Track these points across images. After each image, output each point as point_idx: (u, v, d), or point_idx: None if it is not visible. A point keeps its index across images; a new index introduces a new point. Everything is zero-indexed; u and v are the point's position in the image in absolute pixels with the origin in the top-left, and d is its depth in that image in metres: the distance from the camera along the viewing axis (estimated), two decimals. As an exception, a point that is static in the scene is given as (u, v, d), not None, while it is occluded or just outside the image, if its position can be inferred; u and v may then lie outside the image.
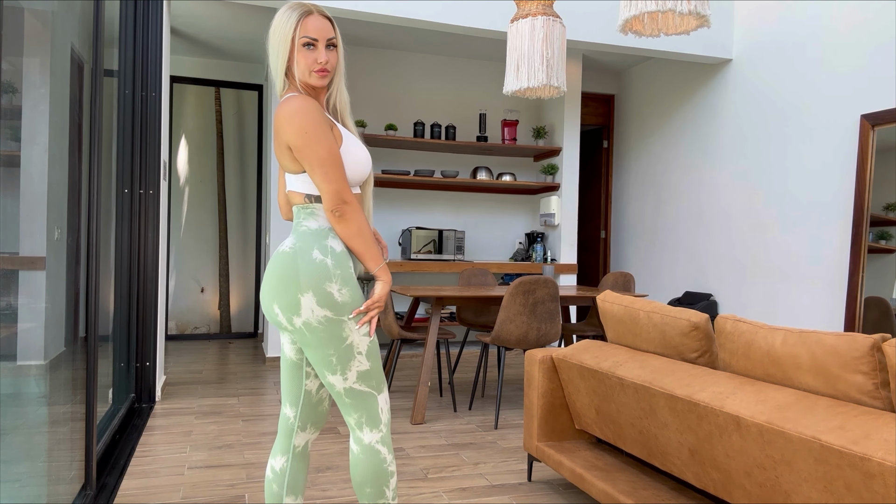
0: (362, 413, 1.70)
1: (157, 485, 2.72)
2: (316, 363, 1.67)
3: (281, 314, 1.64)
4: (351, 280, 1.67)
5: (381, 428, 1.72)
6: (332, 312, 1.62)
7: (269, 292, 1.65)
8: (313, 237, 1.66)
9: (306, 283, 1.61)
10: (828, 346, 1.64)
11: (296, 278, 1.61)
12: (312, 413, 1.83)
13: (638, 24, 2.66)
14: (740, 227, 5.06)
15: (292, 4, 1.68)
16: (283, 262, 1.64)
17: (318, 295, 1.61)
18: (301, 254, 1.63)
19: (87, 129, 2.63)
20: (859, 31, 4.12)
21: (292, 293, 1.61)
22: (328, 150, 1.62)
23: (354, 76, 6.06)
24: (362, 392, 1.69)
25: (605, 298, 2.55)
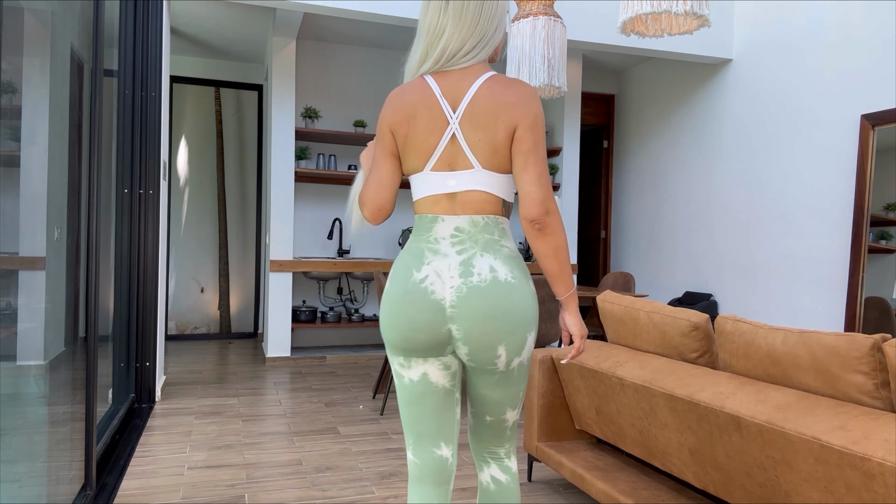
0: (513, 443, 1.59)
1: (157, 485, 2.72)
2: (502, 401, 1.50)
3: (504, 356, 1.41)
4: None
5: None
6: (534, 348, 1.53)
7: (497, 333, 1.39)
8: (523, 263, 1.47)
9: (534, 319, 1.44)
10: (828, 346, 1.64)
11: (529, 316, 1.42)
12: (456, 446, 1.59)
13: (640, 24, 2.66)
14: (740, 228, 5.06)
15: None
16: (514, 298, 1.40)
17: (535, 333, 1.46)
18: (525, 286, 1.43)
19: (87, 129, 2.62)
20: (859, 30, 4.12)
21: (523, 333, 1.42)
22: (545, 150, 1.40)
23: (355, 76, 6.06)
24: (517, 423, 1.59)
25: (606, 298, 2.55)
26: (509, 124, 1.39)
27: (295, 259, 5.39)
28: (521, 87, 1.41)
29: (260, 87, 6.59)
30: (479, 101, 1.40)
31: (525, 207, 1.40)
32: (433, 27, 1.45)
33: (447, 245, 1.43)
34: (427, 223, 1.46)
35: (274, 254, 5.32)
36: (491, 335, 1.39)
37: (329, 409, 4.01)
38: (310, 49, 5.93)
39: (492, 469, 1.58)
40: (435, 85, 1.44)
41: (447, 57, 1.44)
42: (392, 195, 1.50)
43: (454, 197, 1.44)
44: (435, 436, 1.50)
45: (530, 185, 1.39)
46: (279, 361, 5.37)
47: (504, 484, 1.57)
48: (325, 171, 5.61)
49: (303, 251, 5.96)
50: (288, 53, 5.30)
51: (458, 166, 1.43)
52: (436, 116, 1.42)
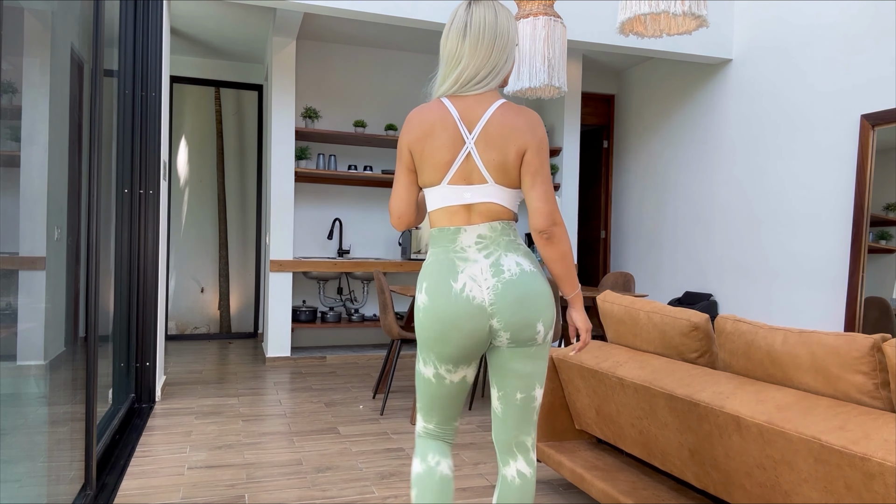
0: (535, 432, 1.73)
1: (157, 485, 2.72)
2: (535, 375, 1.66)
3: (543, 330, 1.62)
4: None
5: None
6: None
7: (535, 311, 1.59)
8: (534, 257, 1.68)
9: (553, 300, 1.66)
10: (828, 346, 1.64)
11: (550, 296, 1.64)
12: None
13: (639, 25, 2.66)
14: (740, 227, 5.06)
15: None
16: (540, 282, 1.62)
17: (555, 312, 1.66)
18: (542, 274, 1.65)
19: (87, 129, 2.63)
20: (859, 30, 4.12)
21: (551, 310, 1.64)
22: (549, 170, 1.63)
23: (355, 76, 6.06)
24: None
25: (606, 298, 2.55)
26: (519, 147, 1.58)
27: (295, 259, 5.39)
28: (530, 115, 1.61)
29: (260, 87, 6.59)
30: (493, 125, 1.59)
31: (535, 220, 1.60)
32: (452, 55, 1.64)
33: (474, 252, 1.61)
34: (450, 235, 1.63)
35: (274, 254, 5.32)
36: (528, 315, 1.59)
37: (329, 409, 4.01)
38: (310, 49, 5.93)
39: (518, 463, 1.69)
40: (452, 107, 1.62)
41: (462, 83, 1.62)
42: (411, 206, 1.70)
43: (471, 208, 1.62)
44: (453, 415, 1.74)
45: (538, 200, 1.59)
46: (279, 361, 5.37)
47: (528, 478, 1.69)
48: (325, 171, 5.61)
49: (303, 251, 5.96)
50: (288, 53, 5.30)
51: (474, 181, 1.61)
52: (452, 136, 1.60)
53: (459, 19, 1.64)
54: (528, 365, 1.64)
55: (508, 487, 1.68)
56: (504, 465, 1.71)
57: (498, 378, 1.68)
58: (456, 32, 1.63)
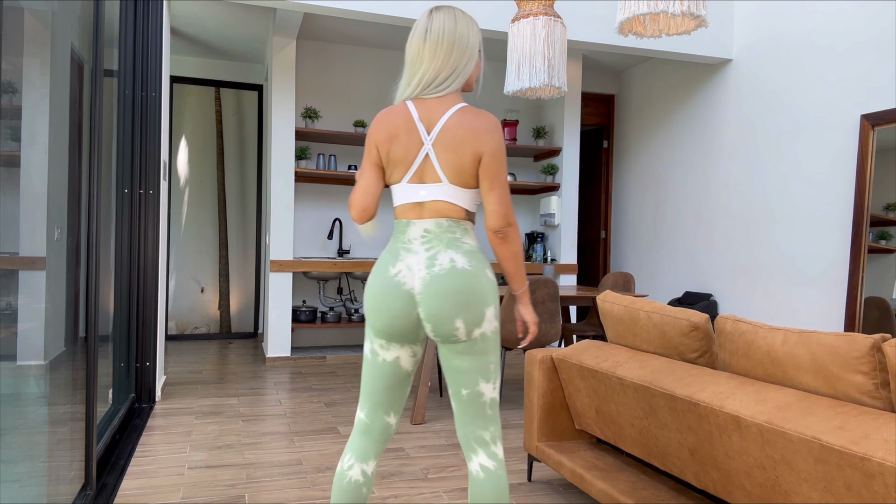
0: (496, 426, 1.75)
1: (157, 485, 2.72)
2: (475, 371, 1.70)
3: (463, 328, 1.66)
4: None
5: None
6: (498, 324, 1.74)
7: (453, 309, 1.65)
8: (482, 256, 1.73)
9: (489, 298, 1.69)
10: (828, 346, 1.64)
11: (483, 294, 1.67)
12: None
13: (638, 25, 2.66)
14: (740, 228, 5.06)
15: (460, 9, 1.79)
16: (468, 280, 1.66)
17: (495, 308, 1.71)
18: (480, 272, 1.68)
19: (87, 129, 2.63)
20: (859, 30, 4.12)
21: (479, 308, 1.67)
22: (506, 173, 1.72)
23: (355, 76, 6.06)
24: (497, 403, 1.76)
25: (606, 298, 2.55)
26: (476, 150, 1.67)
27: (295, 259, 5.39)
28: (488, 118, 1.69)
29: (260, 87, 6.59)
30: (451, 128, 1.68)
31: (491, 221, 1.70)
32: (414, 59, 1.73)
33: (418, 244, 1.70)
34: (402, 227, 1.74)
35: (274, 254, 5.32)
36: (448, 311, 1.65)
37: (329, 409, 4.01)
38: (310, 49, 5.93)
39: (479, 457, 1.73)
40: (414, 110, 1.71)
41: (423, 85, 1.71)
42: (375, 200, 1.78)
43: (423, 205, 1.71)
44: (388, 406, 1.78)
45: (495, 203, 1.69)
46: (279, 361, 5.37)
47: (492, 471, 1.72)
48: (325, 171, 5.61)
49: (303, 251, 5.96)
50: (288, 53, 5.30)
51: (428, 180, 1.70)
52: (413, 137, 1.69)
53: (421, 25, 1.73)
54: (464, 361, 1.70)
55: (474, 481, 1.73)
56: (468, 460, 1.76)
57: (445, 374, 1.77)
58: (418, 37, 1.73)
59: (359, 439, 1.78)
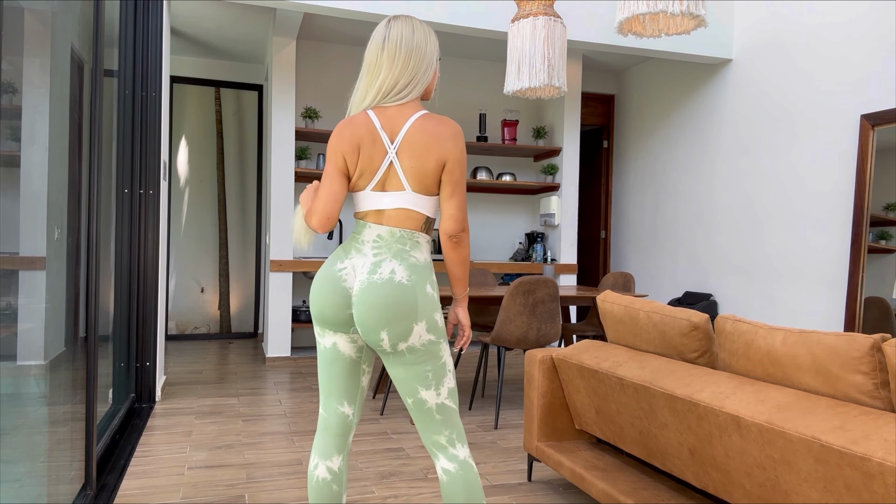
0: (452, 429, 1.75)
1: (157, 485, 2.72)
2: (411, 380, 1.70)
3: (387, 340, 1.66)
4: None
5: (466, 443, 1.78)
6: (435, 336, 1.71)
7: (380, 321, 1.65)
8: (426, 271, 1.72)
9: (421, 314, 1.68)
10: (828, 346, 1.64)
11: (413, 310, 1.66)
12: (361, 409, 1.88)
13: (638, 24, 2.66)
14: (740, 227, 5.06)
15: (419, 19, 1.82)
16: (401, 295, 1.65)
17: (428, 323, 1.69)
18: (418, 287, 1.67)
19: (87, 129, 2.63)
20: (859, 31, 4.12)
21: (407, 323, 1.66)
22: (465, 180, 1.76)
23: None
24: (451, 408, 1.74)
25: (605, 298, 2.55)
26: (440, 157, 1.69)
27: (295, 259, 5.39)
28: (450, 125, 1.71)
29: (260, 87, 6.59)
30: (413, 135, 1.69)
31: (448, 225, 1.73)
32: (372, 66, 1.76)
33: (368, 248, 1.72)
34: (360, 227, 1.75)
35: (274, 254, 5.32)
36: (374, 321, 1.66)
37: (329, 409, 4.01)
38: (310, 49, 5.93)
39: (440, 461, 1.75)
40: (376, 119, 1.72)
41: (383, 94, 1.73)
42: (339, 207, 1.77)
43: (384, 212, 1.73)
44: (340, 395, 1.80)
45: (455, 209, 1.72)
46: (279, 361, 5.37)
47: (453, 473, 1.73)
48: (325, 171, 5.60)
49: (303, 251, 5.97)
50: (288, 53, 5.30)
51: (391, 188, 1.71)
52: (377, 146, 1.70)
53: (379, 34, 1.76)
54: (398, 370, 1.71)
55: (441, 485, 1.76)
56: (434, 464, 1.81)
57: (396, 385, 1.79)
58: (376, 46, 1.76)
59: (319, 437, 1.82)
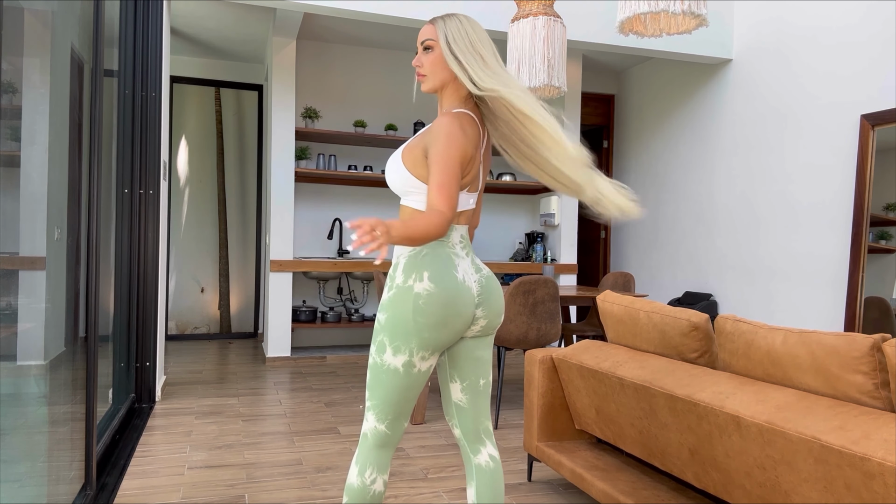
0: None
1: (157, 485, 2.72)
2: (489, 361, 1.80)
3: (503, 318, 1.84)
4: None
5: None
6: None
7: (503, 302, 1.78)
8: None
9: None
10: (828, 346, 1.64)
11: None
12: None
13: (639, 24, 2.66)
14: (740, 227, 5.06)
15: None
16: (498, 284, 1.79)
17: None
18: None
19: (87, 129, 2.63)
20: (859, 31, 4.12)
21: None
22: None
23: (355, 76, 6.06)
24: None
25: (605, 298, 2.55)
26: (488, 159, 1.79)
27: (295, 259, 5.39)
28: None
29: (260, 87, 6.58)
30: (485, 141, 1.76)
31: (476, 220, 1.82)
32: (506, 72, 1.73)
33: (460, 248, 1.71)
34: (448, 231, 1.70)
35: (274, 254, 5.32)
36: (498, 312, 1.75)
37: (329, 409, 4.01)
38: (310, 49, 5.93)
39: (488, 448, 1.78)
40: (478, 121, 1.71)
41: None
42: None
43: (464, 213, 1.74)
44: (409, 412, 1.74)
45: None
46: (279, 361, 5.37)
47: (498, 461, 1.78)
48: (325, 171, 5.61)
49: (303, 251, 5.96)
50: (288, 53, 5.30)
51: (473, 189, 1.73)
52: (477, 148, 1.70)
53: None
54: (487, 351, 1.79)
55: (485, 473, 1.74)
56: (475, 454, 1.78)
57: (460, 370, 1.76)
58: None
59: (378, 452, 1.72)
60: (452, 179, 1.58)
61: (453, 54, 1.66)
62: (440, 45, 1.67)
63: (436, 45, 1.68)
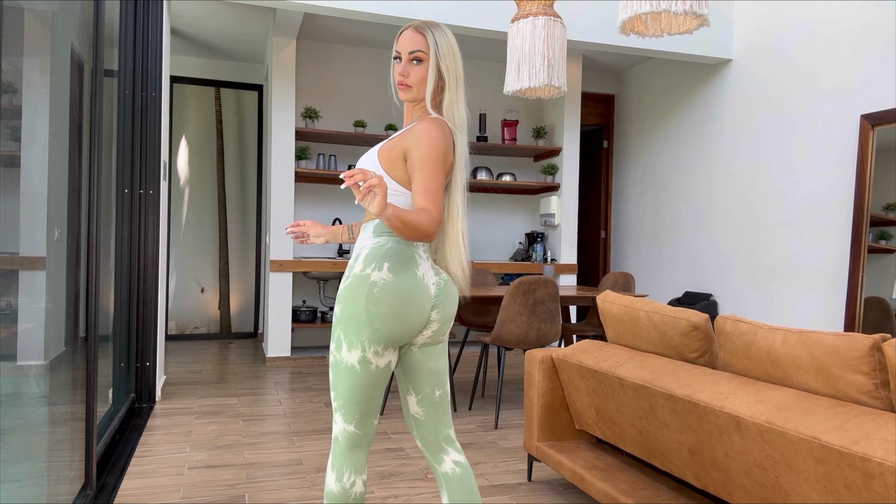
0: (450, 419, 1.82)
1: (157, 485, 2.72)
2: (444, 371, 1.78)
3: (451, 326, 1.79)
4: None
5: None
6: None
7: (453, 315, 1.77)
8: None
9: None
10: (828, 346, 1.64)
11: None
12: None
13: (640, 24, 2.66)
14: (740, 227, 5.06)
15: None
16: (455, 289, 1.78)
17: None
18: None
19: (87, 129, 2.63)
20: (859, 31, 4.12)
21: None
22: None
23: (355, 76, 6.06)
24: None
25: (605, 298, 2.55)
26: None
27: (295, 259, 5.39)
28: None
29: (260, 87, 6.58)
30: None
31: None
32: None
33: (422, 251, 1.71)
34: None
35: (274, 254, 5.32)
36: (450, 316, 1.74)
37: (329, 409, 4.01)
38: (310, 49, 5.93)
39: (451, 455, 1.77)
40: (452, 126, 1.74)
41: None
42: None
43: None
44: (376, 410, 1.72)
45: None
46: (279, 361, 5.37)
47: (464, 464, 1.77)
48: (325, 171, 5.61)
49: (303, 251, 5.96)
50: (288, 53, 5.30)
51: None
52: (453, 155, 1.73)
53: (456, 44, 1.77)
54: (440, 360, 1.76)
55: (452, 480, 1.74)
56: (439, 463, 1.77)
57: (414, 382, 1.75)
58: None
59: (351, 454, 1.70)
60: (438, 183, 1.61)
61: (442, 74, 1.71)
62: (430, 61, 1.69)
63: (426, 59, 1.68)
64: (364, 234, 1.72)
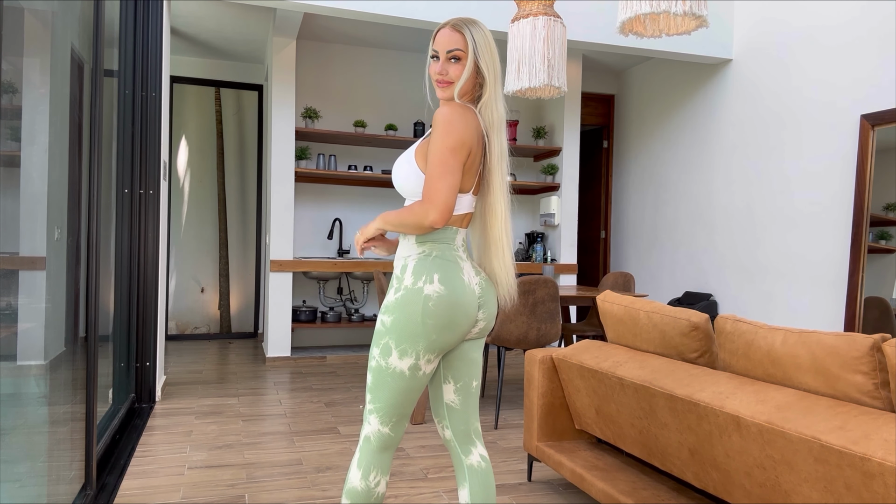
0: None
1: (157, 485, 2.72)
2: (480, 362, 1.81)
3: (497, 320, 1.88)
4: None
5: None
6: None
7: (497, 305, 1.79)
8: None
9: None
10: (828, 346, 1.64)
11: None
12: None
13: (639, 24, 2.66)
14: (740, 227, 5.06)
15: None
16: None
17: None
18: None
19: (87, 129, 2.63)
20: (859, 30, 4.12)
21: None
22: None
23: (355, 76, 6.06)
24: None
25: (605, 298, 2.55)
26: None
27: (295, 259, 5.39)
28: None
29: (260, 87, 6.58)
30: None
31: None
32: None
33: (462, 251, 1.73)
34: (451, 234, 1.71)
35: (274, 254, 5.32)
36: (496, 309, 1.78)
37: (329, 409, 4.01)
38: (310, 49, 5.93)
39: (479, 448, 1.79)
40: (480, 118, 1.68)
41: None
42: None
43: (467, 216, 1.74)
44: (409, 413, 1.74)
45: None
46: (279, 361, 5.37)
47: (488, 460, 1.80)
48: (325, 171, 5.61)
49: (303, 251, 5.96)
50: (288, 53, 5.30)
51: (476, 192, 1.74)
52: (481, 147, 1.68)
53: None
54: (480, 353, 1.82)
55: (477, 473, 1.76)
56: (467, 455, 1.79)
57: (455, 371, 1.77)
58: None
59: (381, 455, 1.72)
60: (446, 168, 1.57)
61: (481, 71, 1.68)
62: (468, 59, 1.66)
63: (464, 58, 1.66)
64: (406, 242, 1.72)
